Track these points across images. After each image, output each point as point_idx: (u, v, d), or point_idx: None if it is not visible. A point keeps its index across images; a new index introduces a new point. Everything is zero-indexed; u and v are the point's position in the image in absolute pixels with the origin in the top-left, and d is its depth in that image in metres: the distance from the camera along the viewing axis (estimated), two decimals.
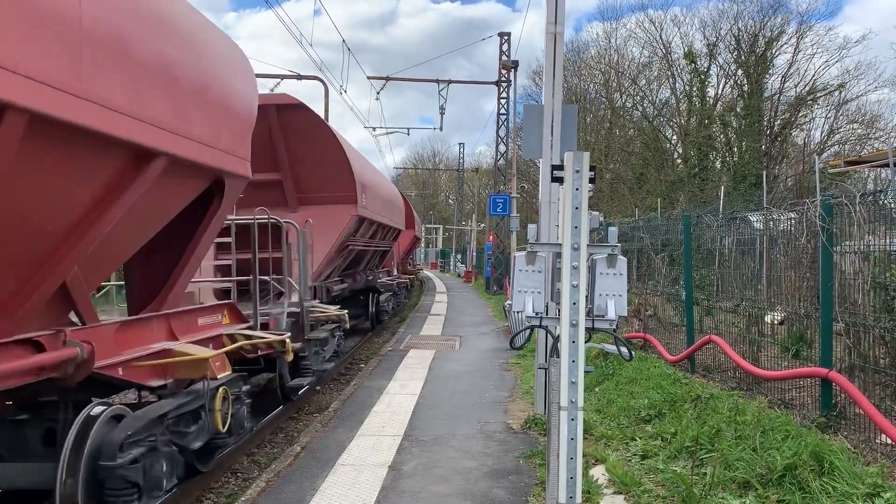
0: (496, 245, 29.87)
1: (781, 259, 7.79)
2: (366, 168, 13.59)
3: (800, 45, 32.19)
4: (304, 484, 5.58)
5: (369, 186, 12.60)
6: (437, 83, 28.71)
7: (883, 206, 5.94)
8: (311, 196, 11.14)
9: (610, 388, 8.52)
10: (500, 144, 30.57)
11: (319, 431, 7.20)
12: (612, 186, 35.09)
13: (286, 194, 11.11)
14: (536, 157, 7.58)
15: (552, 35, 7.30)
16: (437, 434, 7.06)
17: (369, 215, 12.39)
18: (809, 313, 7.03)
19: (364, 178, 12.16)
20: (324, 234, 10.35)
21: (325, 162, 10.95)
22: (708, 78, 33.76)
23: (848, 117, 32.53)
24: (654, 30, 35.90)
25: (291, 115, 10.75)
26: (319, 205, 11.00)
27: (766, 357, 7.59)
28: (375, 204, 13.22)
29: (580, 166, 3.46)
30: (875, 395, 5.68)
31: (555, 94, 7.27)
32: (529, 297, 4.00)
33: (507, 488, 5.47)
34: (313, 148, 10.86)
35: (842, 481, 4.42)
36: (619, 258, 3.80)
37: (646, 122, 35.99)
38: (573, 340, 3.45)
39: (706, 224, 9.56)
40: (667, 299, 11.34)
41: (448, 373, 10.67)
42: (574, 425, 3.44)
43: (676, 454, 5.71)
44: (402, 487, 5.47)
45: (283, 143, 10.84)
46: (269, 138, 10.61)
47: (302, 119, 10.89)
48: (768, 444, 5.15)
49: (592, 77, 38.38)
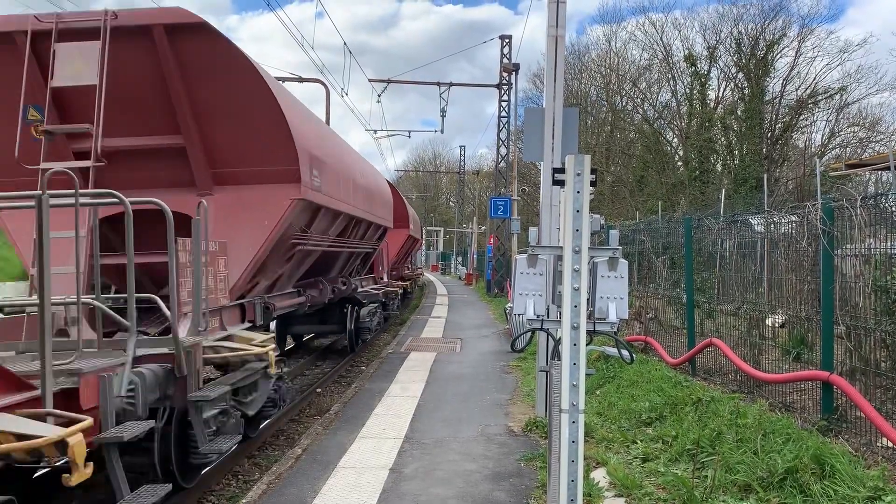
0: (497, 248, 29.88)
1: (782, 262, 7.78)
2: (323, 136, 9.61)
3: (801, 48, 32.20)
4: (304, 486, 5.58)
5: (327, 162, 8.81)
6: (439, 86, 28.78)
7: (884, 210, 5.94)
8: (231, 172, 7.43)
9: (611, 390, 8.51)
10: (501, 147, 30.61)
11: (320, 434, 7.20)
12: (612, 189, 35.10)
13: (193, 169, 7.37)
14: (537, 159, 7.59)
15: (553, 38, 7.31)
16: (438, 437, 7.06)
17: (327, 202, 8.77)
18: (810, 316, 7.03)
19: (316, 148, 8.39)
20: (250, 226, 7.23)
21: (251, 119, 7.24)
22: (708, 81, 33.78)
23: (849, 120, 32.53)
24: (655, 32, 35.96)
25: (191, 44, 6.83)
26: (245, 184, 7.42)
27: (767, 360, 7.59)
28: (340, 188, 9.64)
29: (581, 169, 3.47)
30: (876, 398, 5.67)
31: (556, 98, 7.28)
32: (531, 300, 4.00)
33: (508, 491, 5.47)
34: (230, 96, 7.09)
35: (843, 484, 4.41)
36: (621, 261, 3.80)
37: (646, 124, 36.00)
38: (574, 343, 3.45)
39: (707, 227, 9.56)
40: (668, 302, 11.34)
41: (449, 375, 10.66)
42: (575, 428, 3.44)
43: (677, 457, 5.71)
44: (402, 490, 5.46)
45: (184, 87, 6.98)
46: (161, 80, 6.92)
47: (206, 50, 6.88)
48: (769, 447, 5.15)
49: (593, 80, 38.43)
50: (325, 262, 10.98)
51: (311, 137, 8.33)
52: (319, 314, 12.47)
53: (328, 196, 8.82)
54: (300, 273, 9.77)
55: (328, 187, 8.80)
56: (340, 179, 9.74)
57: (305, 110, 9.03)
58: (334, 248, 10.78)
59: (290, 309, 9.31)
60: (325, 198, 8.64)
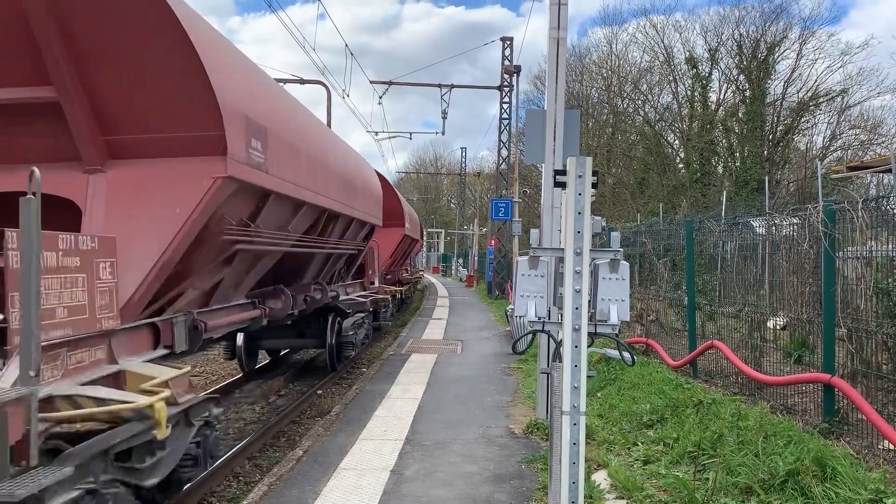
0: (498, 249, 29.89)
1: (784, 264, 7.79)
2: (273, 97, 7.20)
3: (802, 50, 32.24)
4: (305, 488, 5.58)
5: (278, 132, 6.62)
6: (440, 87, 28.79)
7: (885, 212, 5.94)
8: (129, 141, 5.35)
9: (612, 392, 8.51)
10: (503, 149, 30.62)
11: (321, 435, 7.20)
12: (614, 191, 35.11)
13: (75, 135, 5.21)
14: (539, 161, 7.60)
15: (555, 40, 7.32)
16: (439, 438, 7.06)
17: (278, 186, 6.61)
18: (812, 319, 7.02)
19: (257, 110, 6.12)
20: (156, 216, 5.15)
21: (151, 63, 5.10)
22: (709, 83, 33.81)
23: (850, 123, 32.56)
24: (656, 34, 35.99)
25: None
26: (149, 158, 5.34)
27: (768, 362, 7.58)
28: (302, 170, 7.47)
29: (582, 171, 3.47)
30: (878, 400, 5.67)
31: (557, 100, 7.29)
32: (532, 302, 4.00)
33: (509, 493, 5.47)
34: (119, 28, 5.00)
35: (844, 487, 4.41)
36: (622, 263, 3.81)
37: (647, 127, 36.02)
38: (575, 345, 3.45)
39: (708, 229, 9.57)
40: (669, 304, 11.34)
41: (450, 377, 10.66)
42: (576, 430, 3.44)
43: (678, 459, 5.71)
44: (403, 491, 5.47)
45: (56, 22, 4.91)
46: (21, 10, 4.83)
47: None
48: (771, 449, 5.15)
49: (594, 82, 38.46)
50: (293, 266, 8.96)
51: (248, 95, 6.10)
52: (297, 326, 10.79)
53: (278, 178, 6.55)
54: (253, 280, 7.56)
55: (280, 167, 6.57)
56: (302, 159, 7.48)
57: (245, 60, 6.78)
58: (302, 249, 8.63)
59: (235, 327, 7.09)
60: (273, 180, 6.39)
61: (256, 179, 5.97)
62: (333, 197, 9.08)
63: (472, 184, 62.63)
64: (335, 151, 9.83)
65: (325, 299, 10.02)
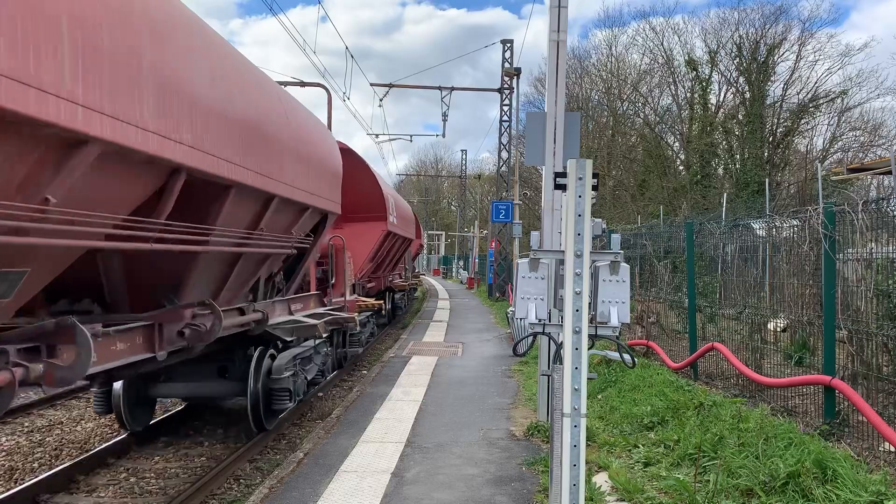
0: (498, 252, 29.90)
1: (784, 266, 7.79)
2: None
3: (802, 52, 32.27)
4: (306, 490, 5.58)
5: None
6: (440, 90, 28.80)
7: (886, 214, 5.95)
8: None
9: (613, 395, 8.51)
10: (503, 151, 30.63)
11: (322, 438, 7.20)
12: (614, 193, 35.13)
13: None
14: (539, 164, 7.60)
15: (555, 43, 7.33)
16: (440, 441, 7.06)
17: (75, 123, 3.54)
18: (812, 321, 7.03)
19: None
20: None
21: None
22: (709, 85, 33.83)
23: (850, 124, 32.58)
24: (656, 37, 36.03)
25: None
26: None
27: (769, 364, 7.58)
28: (146, 101, 4.22)
29: (583, 173, 3.48)
30: (878, 402, 5.67)
31: (557, 102, 7.30)
32: (532, 304, 4.01)
33: (510, 495, 5.47)
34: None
35: (845, 489, 4.41)
36: (622, 265, 3.81)
37: (648, 129, 36.04)
38: (576, 347, 3.46)
39: (709, 231, 9.58)
40: (669, 306, 11.35)
41: (451, 379, 10.66)
42: (577, 432, 3.44)
43: (679, 461, 5.71)
44: (404, 494, 5.47)
45: None
46: None
47: None
48: (771, 451, 5.15)
49: (594, 84, 38.49)
50: (153, 274, 5.61)
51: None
52: (214, 359, 7.57)
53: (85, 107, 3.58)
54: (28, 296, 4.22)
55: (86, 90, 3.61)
56: (141, 75, 4.21)
57: None
58: (163, 240, 4.90)
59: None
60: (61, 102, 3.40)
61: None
62: (227, 155, 5.48)
63: (473, 186, 62.68)
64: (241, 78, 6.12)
65: (232, 327, 6.49)
